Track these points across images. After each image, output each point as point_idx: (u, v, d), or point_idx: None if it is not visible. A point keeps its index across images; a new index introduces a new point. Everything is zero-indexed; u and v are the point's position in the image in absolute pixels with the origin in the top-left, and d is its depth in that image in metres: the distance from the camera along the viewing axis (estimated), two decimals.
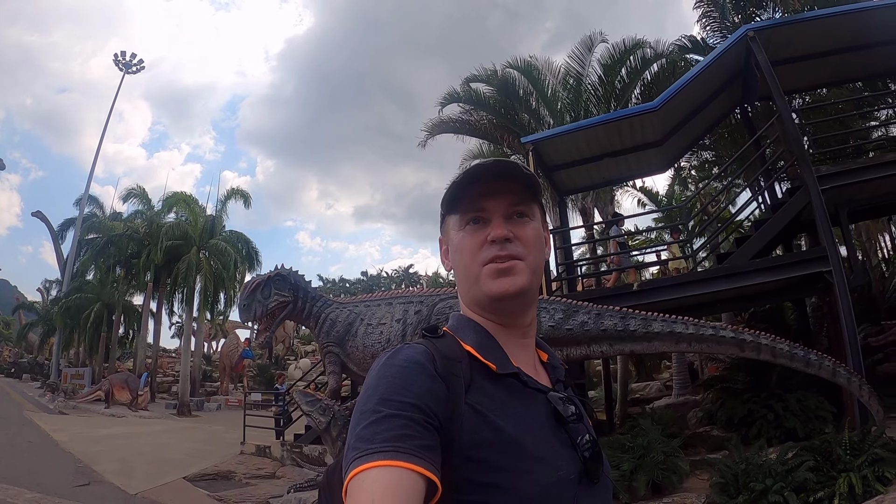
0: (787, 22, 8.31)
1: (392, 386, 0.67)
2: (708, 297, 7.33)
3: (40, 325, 29.31)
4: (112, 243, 23.08)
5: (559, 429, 0.77)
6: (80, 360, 27.64)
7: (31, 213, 35.37)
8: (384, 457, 0.59)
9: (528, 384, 0.80)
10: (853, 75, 9.59)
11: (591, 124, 8.45)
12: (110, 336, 23.81)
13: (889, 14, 7.48)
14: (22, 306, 31.74)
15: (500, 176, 0.81)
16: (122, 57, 30.28)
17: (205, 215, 22.99)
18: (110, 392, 18.12)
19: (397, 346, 0.75)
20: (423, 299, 5.97)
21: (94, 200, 29.86)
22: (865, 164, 7.45)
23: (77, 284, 24.62)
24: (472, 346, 0.79)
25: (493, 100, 10.93)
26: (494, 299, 0.80)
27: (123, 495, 6.52)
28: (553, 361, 0.93)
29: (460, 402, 0.70)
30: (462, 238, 0.83)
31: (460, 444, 0.68)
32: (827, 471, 5.08)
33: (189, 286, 20.62)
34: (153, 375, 23.42)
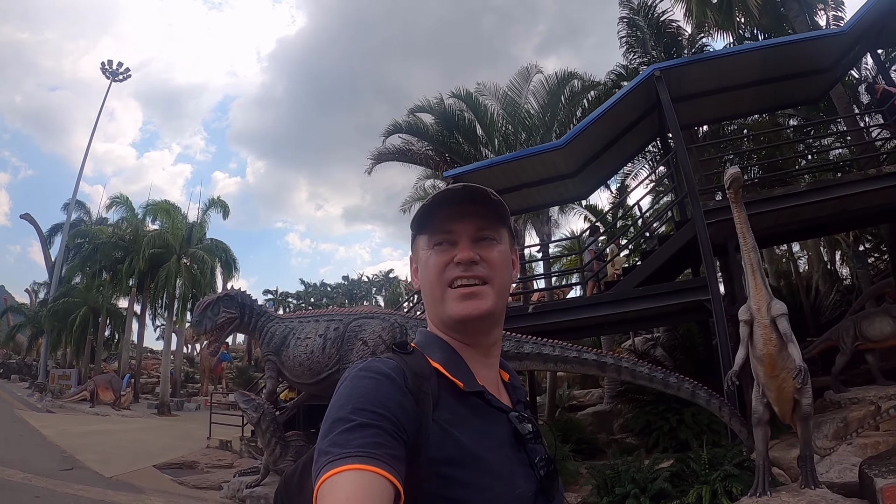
0: (691, 61, 9.33)
1: (365, 396, 0.70)
2: (597, 319, 8.20)
3: (29, 327, 30.82)
4: (98, 249, 24.59)
5: (518, 448, 0.82)
6: (67, 362, 29.16)
7: (20, 216, 36.55)
8: (358, 461, 0.62)
9: (491, 403, 0.84)
10: (754, 108, 10.95)
11: (506, 160, 9.81)
12: (96, 339, 25.34)
13: (781, 52, 8.59)
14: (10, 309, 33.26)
15: (469, 200, 0.86)
16: (109, 65, 31.82)
17: (186, 224, 24.52)
18: (95, 392, 19.67)
19: (368, 359, 0.80)
20: (342, 318, 7.50)
21: (81, 206, 31.41)
22: (748, 199, 8.72)
23: (64, 289, 26.15)
24: (440, 363, 0.83)
25: (434, 130, 12.25)
26: (458, 321, 0.85)
27: (100, 478, 8.08)
28: (514, 381, 0.97)
29: (428, 419, 0.74)
30: (429, 258, 0.87)
31: (426, 459, 0.71)
32: (686, 482, 5.60)
33: (169, 292, 22.19)
34: (137, 377, 25.01)
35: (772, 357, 4.84)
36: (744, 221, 4.94)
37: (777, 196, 7.83)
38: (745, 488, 5.16)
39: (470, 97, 12.31)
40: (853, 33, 8.25)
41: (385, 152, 12.18)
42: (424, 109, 12.21)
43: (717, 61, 8.88)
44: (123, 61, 32.11)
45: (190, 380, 29.23)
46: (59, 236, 30.35)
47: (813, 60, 8.85)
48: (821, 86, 9.87)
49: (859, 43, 8.79)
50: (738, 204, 4.90)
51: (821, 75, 9.33)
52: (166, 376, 21.52)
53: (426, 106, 12.18)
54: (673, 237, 8.29)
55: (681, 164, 8.32)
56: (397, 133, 12.13)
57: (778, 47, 8.75)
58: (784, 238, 11.69)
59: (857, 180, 7.62)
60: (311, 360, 7.09)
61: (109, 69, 31.85)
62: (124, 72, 32.18)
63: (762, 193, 8.98)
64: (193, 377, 29.19)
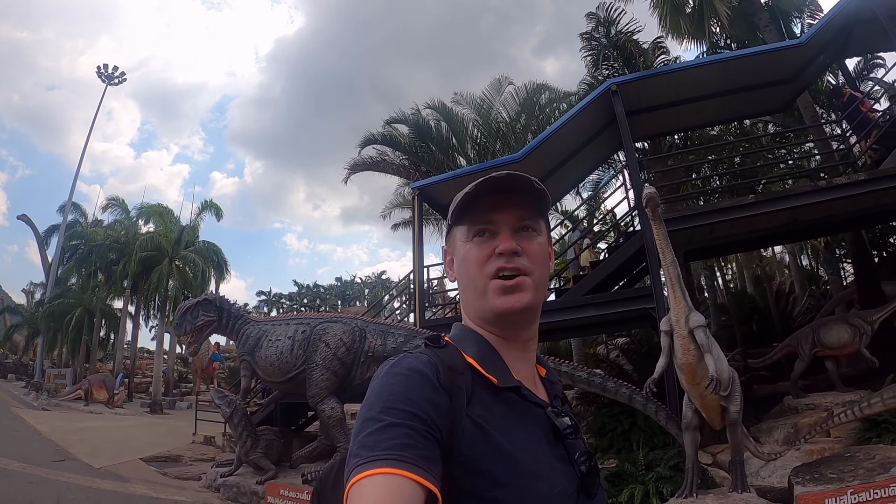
0: (647, 75, 9.62)
1: (395, 395, 0.70)
2: (548, 325, 8.21)
3: (25, 328, 31.71)
4: (93, 252, 25.43)
5: (557, 444, 0.82)
6: (63, 362, 30.04)
7: (17, 217, 37.45)
8: (386, 464, 0.62)
9: (527, 398, 0.83)
10: (717, 119, 11.42)
11: (468, 172, 10.35)
12: (91, 339, 26.20)
13: (738, 64, 8.94)
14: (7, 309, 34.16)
15: (511, 189, 0.85)
16: (104, 69, 32.67)
17: (178, 226, 25.35)
18: (89, 391, 20.52)
19: (401, 354, 0.79)
20: (310, 321, 8.28)
21: (76, 208, 32.22)
22: (693, 211, 8.67)
23: (60, 290, 27.02)
24: (475, 358, 0.83)
25: (408, 140, 12.97)
26: (499, 314, 0.84)
27: (90, 468, 8.87)
28: (551, 377, 0.97)
29: (462, 414, 0.73)
30: (469, 250, 0.86)
31: (461, 457, 0.71)
32: (625, 482, 5.88)
33: (161, 294, 23.04)
34: (131, 376, 25.87)
35: (691, 366, 5.15)
36: (663, 238, 5.25)
37: (724, 208, 8.31)
38: (675, 489, 5.48)
39: (444, 108, 13.08)
40: (813, 45, 8.58)
41: (361, 163, 12.95)
42: (400, 121, 12.98)
43: (674, 74, 9.33)
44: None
45: (184, 379, 30.09)
46: (56, 237, 31.24)
47: (772, 72, 9.26)
48: (784, 96, 10.31)
49: (824, 52, 9.18)
50: (656, 222, 5.20)
51: (783, 86, 9.76)
52: (158, 376, 22.36)
53: (401, 117, 12.94)
54: (621, 248, 8.84)
55: (631, 177, 8.96)
56: (372, 144, 12.92)
57: (734, 60, 9.16)
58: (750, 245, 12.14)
59: (805, 192, 8.00)
60: (281, 360, 7.86)
61: (105, 73, 32.74)
62: (119, 76, 33.08)
63: (711, 205, 9.71)
64: (187, 377, 30.03)
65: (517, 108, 13.53)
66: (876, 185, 7.58)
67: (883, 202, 8.14)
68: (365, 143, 12.88)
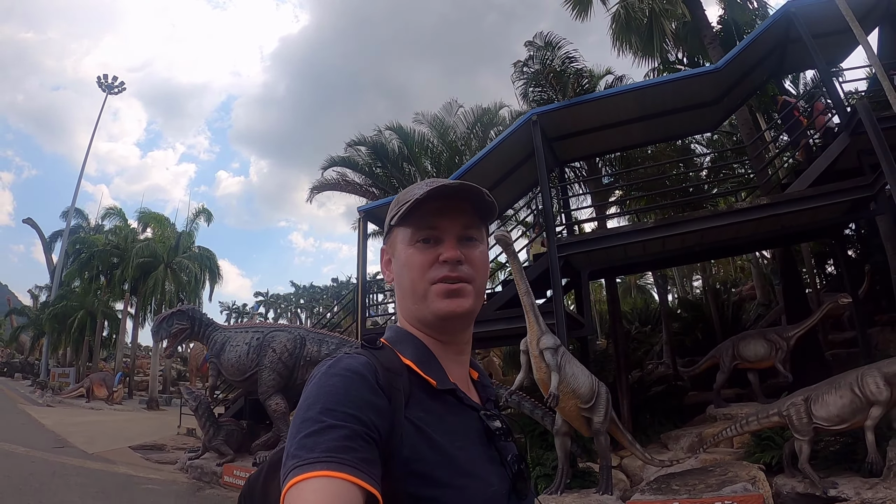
0: (567, 104, 10.13)
1: (334, 396, 0.70)
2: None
3: (31, 329, 33.99)
4: (94, 256, 27.45)
5: (489, 446, 0.84)
6: (67, 361, 32.29)
7: (23, 220, 39.80)
8: (325, 467, 0.62)
9: (463, 401, 0.86)
10: (646, 140, 12.19)
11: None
12: (94, 339, 28.32)
13: (656, 91, 9.62)
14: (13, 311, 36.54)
15: (458, 196, 0.86)
16: (104, 79, 34.74)
17: (175, 232, 27.29)
18: (90, 389, 22.59)
19: (338, 355, 0.79)
20: (263, 330, 10.02)
21: (79, 213, 34.35)
22: (591, 236, 9.63)
23: (63, 293, 29.12)
24: (412, 360, 0.84)
25: (367, 163, 14.50)
26: (441, 318, 0.86)
27: (83, 454, 10.70)
28: (483, 380, 1.00)
29: (400, 416, 0.74)
30: (412, 254, 0.87)
31: (400, 458, 0.72)
32: None
33: (157, 297, 25.02)
34: (131, 375, 28.00)
35: (543, 382, 5.91)
36: (517, 271, 6.19)
37: (626, 232, 9.23)
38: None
39: (402, 129, 14.70)
40: (732, 69, 9.14)
41: (324, 183, 14.66)
42: (359, 143, 14.64)
43: (593, 103, 9.95)
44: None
45: (182, 377, 32.26)
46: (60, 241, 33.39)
47: (693, 96, 9.84)
48: (714, 116, 10.95)
49: (753, 73, 9.92)
50: (510, 258, 6.31)
51: (710, 107, 10.33)
52: (155, 374, 24.34)
53: (360, 140, 14.60)
54: (531, 268, 9.74)
55: (543, 202, 9.51)
56: (333, 167, 14.63)
57: (650, 88, 9.83)
58: (666, 263, 13.42)
59: (706, 217, 8.69)
60: (239, 362, 9.62)
61: (105, 83, 34.78)
62: (119, 85, 35.13)
63: (613, 230, 10.58)
64: (184, 375, 32.15)
65: (466, 128, 15.11)
66: (776, 210, 8.13)
67: (786, 225, 8.83)
68: (326, 166, 14.56)
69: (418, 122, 15.48)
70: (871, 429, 5.50)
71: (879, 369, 5.58)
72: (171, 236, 26.69)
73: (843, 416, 5.65)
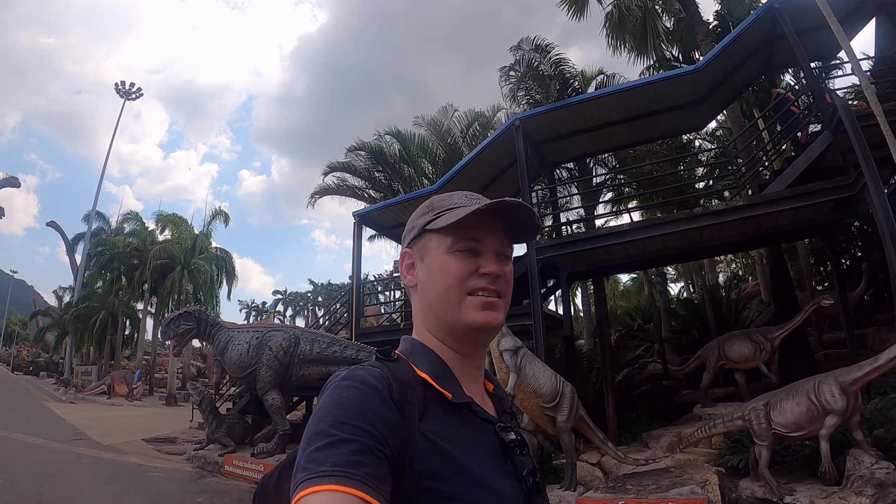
0: (549, 109, 10.40)
1: (346, 409, 0.71)
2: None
3: (55, 329, 35.59)
4: (114, 258, 28.70)
5: (505, 460, 0.85)
6: (91, 359, 33.79)
7: (46, 224, 41.57)
8: (334, 481, 0.63)
9: (478, 414, 0.87)
10: (633, 141, 12.23)
11: (401, 200, 12.21)
12: (115, 338, 29.62)
13: (637, 93, 9.83)
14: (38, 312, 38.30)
15: (508, 214, 0.89)
16: (122, 85, 36.14)
17: (192, 234, 28.39)
18: (111, 386, 23.78)
19: (352, 367, 0.80)
20: (262, 330, 10.71)
21: (101, 216, 35.77)
22: (568, 239, 9.81)
23: (85, 294, 30.51)
24: (428, 373, 0.85)
25: (366, 167, 15.16)
26: (474, 329, 0.87)
27: (99, 445, 11.57)
28: (499, 392, 1.01)
29: (413, 430, 0.75)
30: (449, 262, 0.88)
31: (412, 473, 0.73)
32: None
33: (175, 298, 26.13)
34: (151, 372, 29.22)
35: (504, 382, 6.17)
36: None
37: (602, 235, 9.43)
38: None
39: (400, 133, 15.35)
40: (713, 69, 9.28)
41: (325, 188, 15.40)
42: (359, 148, 15.33)
43: (575, 106, 10.24)
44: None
45: (202, 374, 33.48)
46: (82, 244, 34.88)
47: (676, 96, 10.04)
48: (701, 115, 11.13)
49: (741, 70, 10.02)
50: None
51: (695, 107, 10.51)
52: (173, 372, 25.43)
53: (360, 145, 15.29)
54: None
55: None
56: (334, 171, 15.33)
57: (631, 90, 10.00)
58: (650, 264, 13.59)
59: (680, 219, 8.73)
60: (240, 360, 10.33)
61: (123, 89, 36.17)
62: (136, 91, 36.50)
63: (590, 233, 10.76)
64: (204, 371, 33.36)
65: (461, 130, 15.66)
66: (753, 212, 8.17)
67: (766, 226, 8.99)
68: (327, 172, 15.34)
69: (418, 125, 16.14)
70: (825, 438, 5.50)
71: (836, 378, 5.54)
72: (188, 238, 27.76)
73: (800, 423, 5.65)
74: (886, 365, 5.31)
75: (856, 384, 5.45)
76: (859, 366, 5.54)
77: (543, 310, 10.45)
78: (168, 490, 7.84)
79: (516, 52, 13.45)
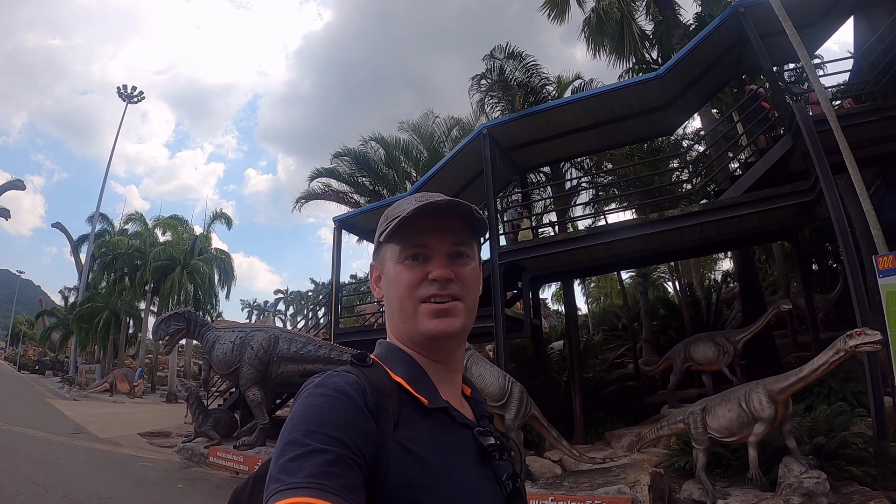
0: (515, 118, 10.85)
1: (319, 417, 0.71)
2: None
3: (60, 328, 36.75)
4: (117, 259, 29.70)
5: (484, 465, 0.85)
6: (95, 358, 34.91)
7: (52, 225, 42.81)
8: (306, 493, 0.63)
9: (455, 419, 0.86)
10: (603, 146, 12.68)
11: (381, 205, 12.89)
12: (118, 338, 30.66)
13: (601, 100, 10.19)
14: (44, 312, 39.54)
15: (449, 214, 0.88)
16: (124, 89, 37.15)
17: (192, 236, 29.36)
18: (114, 384, 24.81)
19: (326, 373, 0.80)
20: (246, 330, 11.52)
21: (104, 218, 36.84)
22: (528, 244, 10.13)
23: (89, 294, 31.56)
24: (403, 378, 0.85)
25: (349, 172, 15.97)
26: (431, 338, 0.87)
27: (96, 438, 12.45)
28: (476, 396, 1.01)
29: (388, 439, 0.75)
30: (400, 272, 0.88)
31: (386, 483, 0.72)
32: None
33: (176, 297, 27.11)
34: (154, 370, 30.26)
35: None
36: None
37: (559, 240, 10.02)
38: None
39: (383, 139, 16.18)
40: (676, 74, 9.55)
41: (311, 193, 16.25)
42: (344, 154, 16.13)
43: (541, 114, 10.61)
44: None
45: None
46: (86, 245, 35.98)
47: (642, 102, 10.33)
48: (669, 119, 11.33)
49: (710, 73, 10.23)
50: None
51: (662, 111, 10.78)
52: (174, 369, 26.45)
53: (345, 151, 16.10)
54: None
55: (489, 213, 10.26)
56: (318, 178, 16.16)
57: (595, 97, 10.46)
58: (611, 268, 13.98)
59: (634, 225, 9.41)
60: (226, 358, 11.14)
61: (125, 93, 37.19)
62: (138, 94, 37.54)
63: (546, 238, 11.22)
64: None
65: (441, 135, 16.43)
66: (708, 217, 8.54)
67: (727, 230, 9.22)
68: (312, 178, 16.19)
69: (403, 130, 16.89)
70: (753, 445, 5.66)
71: (765, 386, 5.66)
72: (187, 240, 28.71)
73: (732, 429, 5.78)
74: (810, 376, 5.46)
75: (783, 393, 5.56)
76: (786, 375, 5.68)
77: (510, 312, 11.06)
78: (152, 477, 8.67)
79: (489, 60, 14.10)
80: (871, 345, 4.98)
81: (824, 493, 5.21)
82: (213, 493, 7.94)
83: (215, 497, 7.65)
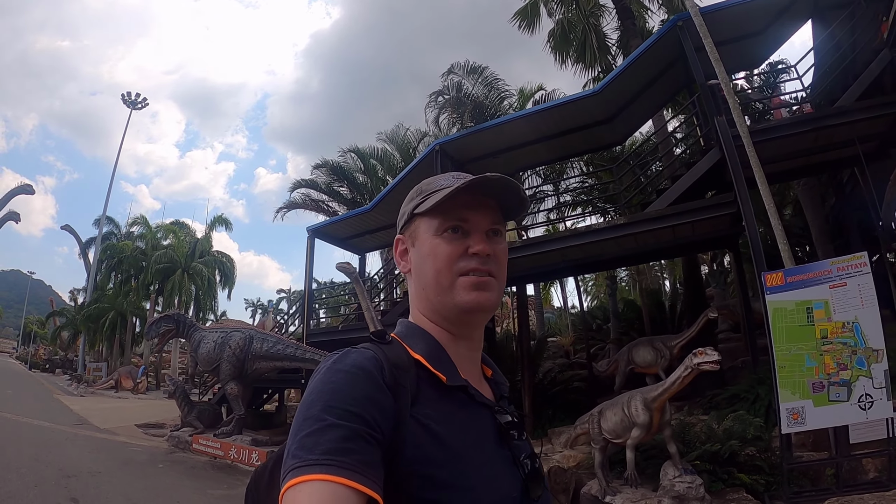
0: (466, 133, 11.55)
1: (337, 393, 0.71)
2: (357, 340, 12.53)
3: (69, 328, 38.73)
4: (123, 261, 31.46)
5: (502, 445, 0.85)
6: (103, 356, 36.80)
7: (61, 227, 44.74)
8: (323, 470, 0.63)
9: (474, 398, 0.86)
10: (555, 157, 13.57)
11: (350, 215, 14.06)
12: (124, 337, 32.45)
13: (545, 116, 10.78)
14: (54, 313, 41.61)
15: (492, 190, 0.89)
16: (128, 96, 38.95)
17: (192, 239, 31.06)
18: (119, 381, 26.51)
19: (345, 349, 0.81)
20: (226, 330, 12.94)
21: (111, 221, 38.66)
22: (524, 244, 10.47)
23: (96, 296, 33.40)
24: (422, 355, 0.85)
25: (327, 182, 17.39)
26: (466, 311, 0.88)
27: (96, 428, 14.00)
28: (497, 377, 1.01)
29: (405, 415, 0.75)
30: (437, 244, 0.89)
31: (403, 459, 0.72)
32: None
33: (179, 298, 28.81)
34: (158, 368, 32.02)
35: None
36: (360, 292, 9.68)
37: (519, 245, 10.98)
38: None
39: (359, 150, 17.57)
40: (615, 90, 10.05)
41: (292, 203, 17.69)
42: (322, 165, 17.55)
43: (490, 130, 11.36)
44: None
45: None
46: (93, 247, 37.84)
47: (585, 116, 10.87)
48: (613, 132, 11.94)
49: (657, 84, 10.64)
50: (355, 283, 9.62)
51: (607, 124, 11.33)
52: (175, 367, 28.14)
53: (323, 163, 17.53)
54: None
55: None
56: (299, 188, 17.65)
57: (538, 113, 11.07)
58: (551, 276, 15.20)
59: (566, 236, 10.09)
60: (208, 356, 12.60)
61: (129, 99, 38.97)
62: (142, 101, 39.29)
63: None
64: None
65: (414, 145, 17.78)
66: (633, 229, 8.99)
67: (664, 239, 9.65)
68: (293, 188, 17.75)
69: (381, 140, 18.25)
70: (630, 447, 6.14)
71: (642, 394, 6.11)
72: (188, 243, 30.37)
73: (617, 431, 6.23)
74: (671, 388, 5.85)
75: (656, 401, 5.97)
76: (657, 385, 6.17)
77: None
78: (139, 459, 10.16)
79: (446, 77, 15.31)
80: (710, 364, 5.48)
81: (698, 498, 5.59)
82: (188, 472, 9.39)
83: (189, 476, 9.10)
